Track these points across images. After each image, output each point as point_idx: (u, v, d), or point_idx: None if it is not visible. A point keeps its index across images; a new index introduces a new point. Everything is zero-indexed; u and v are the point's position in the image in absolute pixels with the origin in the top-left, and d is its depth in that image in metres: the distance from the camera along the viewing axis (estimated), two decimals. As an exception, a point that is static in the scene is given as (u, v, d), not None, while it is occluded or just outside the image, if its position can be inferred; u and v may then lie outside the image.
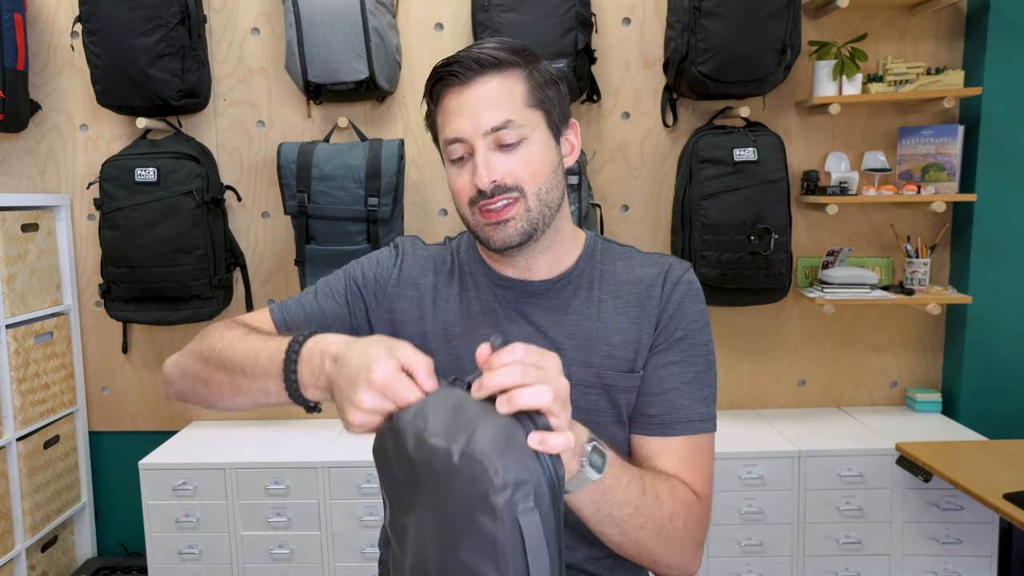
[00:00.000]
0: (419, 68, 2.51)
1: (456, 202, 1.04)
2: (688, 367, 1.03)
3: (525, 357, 0.73)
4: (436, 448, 0.70)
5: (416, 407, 0.74)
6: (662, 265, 1.08)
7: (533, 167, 0.99)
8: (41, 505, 2.41)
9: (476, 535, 0.68)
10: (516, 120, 0.98)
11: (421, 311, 1.10)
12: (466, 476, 0.67)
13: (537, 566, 0.68)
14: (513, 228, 0.99)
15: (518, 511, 0.67)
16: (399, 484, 0.75)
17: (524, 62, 1.00)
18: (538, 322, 1.06)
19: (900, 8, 2.44)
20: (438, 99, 1.02)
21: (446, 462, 0.69)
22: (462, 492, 0.68)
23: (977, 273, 2.44)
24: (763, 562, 2.27)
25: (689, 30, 2.21)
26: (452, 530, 0.70)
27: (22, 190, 2.60)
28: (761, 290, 2.30)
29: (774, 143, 2.29)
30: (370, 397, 0.75)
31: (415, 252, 1.15)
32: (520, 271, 1.08)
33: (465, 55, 0.99)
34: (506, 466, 0.67)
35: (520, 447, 0.69)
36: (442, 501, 0.70)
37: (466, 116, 0.98)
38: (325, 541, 2.29)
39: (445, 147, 1.02)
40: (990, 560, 2.22)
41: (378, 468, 0.79)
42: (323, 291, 1.12)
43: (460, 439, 0.69)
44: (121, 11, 2.24)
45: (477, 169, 0.98)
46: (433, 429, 0.71)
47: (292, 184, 2.30)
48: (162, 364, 2.63)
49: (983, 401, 2.49)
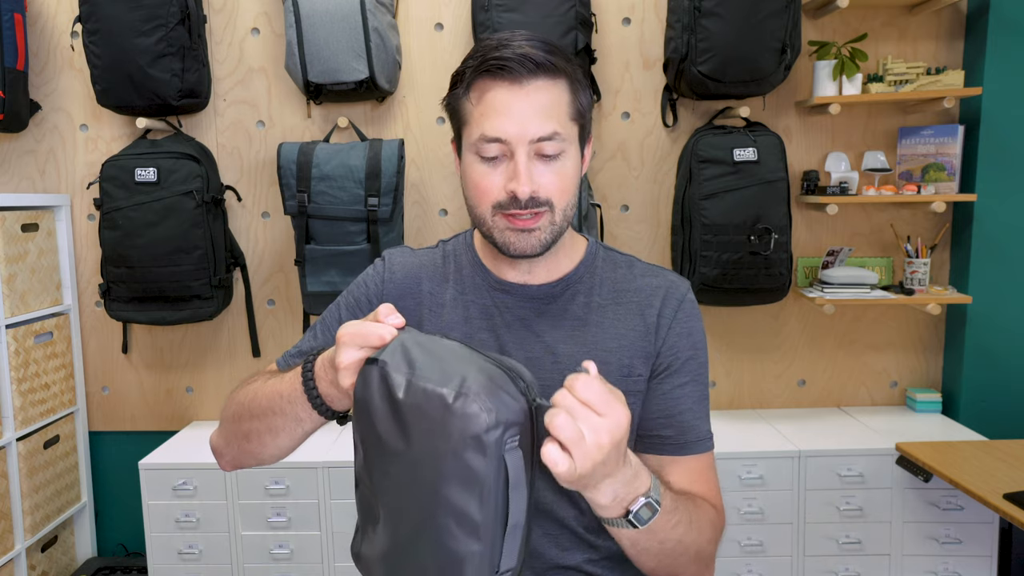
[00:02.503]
0: (419, 68, 2.51)
1: (474, 199, 1.00)
2: (697, 386, 1.06)
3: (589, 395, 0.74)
4: (429, 391, 0.74)
5: (403, 355, 0.78)
6: (664, 278, 1.08)
7: (565, 182, 0.98)
8: (41, 505, 2.41)
9: (462, 472, 0.72)
10: (561, 133, 0.96)
11: (419, 319, 1.09)
12: (460, 416, 0.72)
13: (516, 500, 0.75)
14: (536, 239, 0.98)
15: (505, 449, 0.73)
16: (381, 427, 0.78)
17: (571, 70, 0.98)
18: (536, 327, 1.05)
19: (900, 8, 2.44)
20: (478, 88, 0.97)
21: (440, 403, 0.73)
22: (454, 430, 0.72)
23: (977, 273, 2.44)
24: (763, 562, 2.27)
25: (689, 30, 2.21)
26: (437, 468, 0.74)
27: (22, 190, 2.60)
28: (761, 290, 2.30)
29: (774, 143, 2.29)
30: (346, 352, 0.80)
31: (404, 261, 1.13)
32: (521, 274, 1.07)
33: (519, 52, 0.94)
34: (498, 407, 0.73)
35: (508, 392, 0.74)
36: (430, 440, 0.74)
37: (513, 118, 0.94)
38: (325, 541, 2.29)
39: (477, 142, 0.96)
40: (990, 560, 2.22)
41: (357, 414, 0.81)
42: (322, 329, 1.12)
43: (454, 382, 0.74)
44: (121, 11, 2.24)
45: (518, 176, 0.94)
46: (423, 374, 0.75)
47: (292, 184, 2.30)
48: (162, 364, 2.65)
49: (983, 401, 2.49)
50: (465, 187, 1.02)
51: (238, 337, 2.63)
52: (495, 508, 0.74)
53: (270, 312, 2.62)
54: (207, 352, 2.64)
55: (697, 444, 1.04)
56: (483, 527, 0.74)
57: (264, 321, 2.62)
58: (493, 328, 1.05)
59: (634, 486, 0.81)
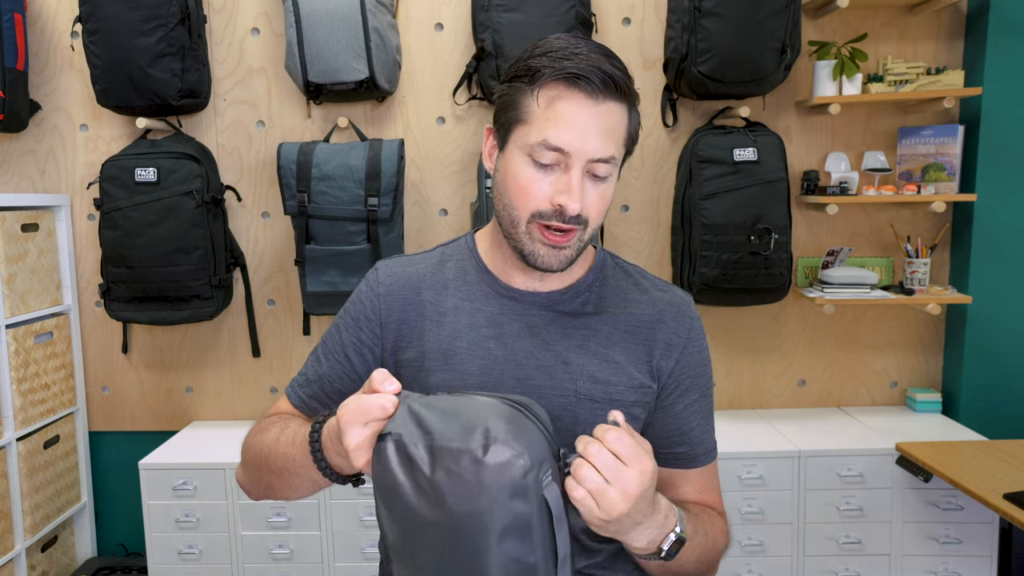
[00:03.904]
0: (419, 68, 2.51)
1: (515, 200, 0.96)
2: (705, 400, 1.08)
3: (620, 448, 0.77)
4: (456, 451, 0.72)
5: (415, 422, 0.76)
6: (673, 294, 1.09)
7: (603, 205, 0.97)
8: (41, 505, 2.41)
9: (510, 521, 0.72)
10: (616, 158, 0.95)
11: (420, 330, 1.05)
12: (494, 467, 0.71)
13: (561, 533, 0.76)
14: (565, 256, 0.98)
15: (543, 487, 0.73)
16: (411, 501, 0.76)
17: (636, 97, 0.97)
18: (547, 335, 1.03)
19: (900, 8, 2.44)
20: (550, 90, 0.93)
21: (471, 460, 0.72)
22: (492, 483, 0.71)
23: (977, 273, 2.44)
24: (763, 562, 2.27)
25: (689, 30, 2.21)
26: (482, 525, 0.72)
27: (22, 190, 2.60)
28: (761, 290, 2.30)
29: (774, 143, 2.29)
30: (352, 433, 0.79)
31: (398, 272, 1.09)
32: (531, 281, 1.05)
33: (602, 68, 0.92)
34: (528, 447, 0.72)
35: (529, 430, 0.74)
36: (469, 500, 0.72)
37: (579, 132, 0.92)
38: (325, 541, 2.29)
39: (537, 145, 0.93)
40: (990, 560, 2.22)
41: (380, 491, 0.78)
42: (324, 353, 1.10)
43: (477, 436, 0.72)
44: (121, 11, 2.24)
45: (571, 191, 0.92)
46: (443, 435, 0.74)
47: (292, 184, 2.30)
48: (162, 364, 2.65)
49: (983, 401, 2.49)
50: (505, 184, 0.98)
51: (238, 337, 2.63)
52: (544, 546, 0.75)
53: (270, 312, 2.62)
54: (207, 352, 2.64)
55: (705, 456, 1.07)
56: (539, 567, 0.75)
57: (264, 321, 2.62)
58: (502, 336, 1.03)
59: (665, 528, 0.86)
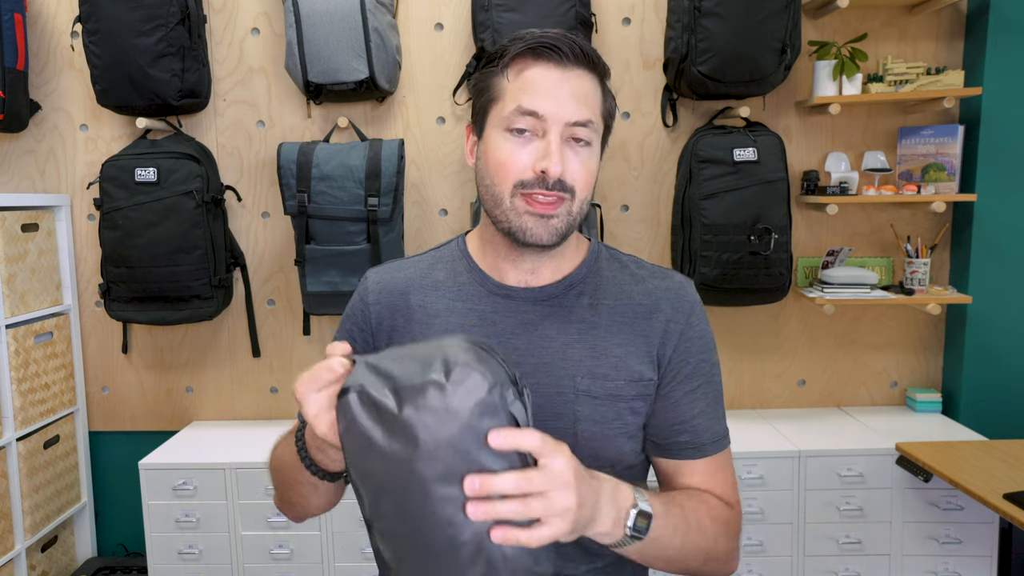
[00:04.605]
0: (419, 68, 2.51)
1: (495, 176, 0.96)
2: (709, 388, 1.05)
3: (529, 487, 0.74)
4: (419, 385, 0.73)
5: (373, 372, 0.77)
6: (671, 280, 1.07)
7: (588, 175, 0.97)
8: (41, 505, 2.41)
9: (483, 439, 0.73)
10: (595, 123, 0.96)
11: (410, 335, 1.05)
12: (460, 389, 0.73)
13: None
14: (554, 227, 0.96)
15: (508, 404, 0.75)
16: (385, 446, 0.75)
17: (606, 71, 0.99)
18: (543, 330, 1.02)
19: (900, 8, 2.44)
20: (518, 65, 0.96)
21: (436, 388, 0.73)
22: (460, 406, 0.72)
23: (977, 273, 2.44)
24: (763, 562, 2.27)
25: (689, 30, 2.21)
26: (457, 449, 0.73)
27: (22, 190, 2.60)
28: (761, 290, 2.30)
29: (774, 143, 2.29)
30: (308, 402, 0.79)
31: (386, 279, 1.09)
32: (524, 275, 1.04)
33: (565, 40, 0.94)
34: (488, 370, 0.74)
35: (486, 359, 0.75)
36: (440, 429, 0.73)
37: (553, 97, 0.93)
38: (325, 541, 2.29)
39: (510, 114, 0.94)
40: (990, 560, 2.22)
41: (355, 459, 0.78)
42: None
43: (437, 365, 0.74)
44: (121, 11, 2.24)
45: (550, 154, 0.93)
46: (405, 376, 0.75)
47: (292, 184, 2.30)
48: (162, 364, 2.65)
49: (983, 401, 2.49)
50: (486, 166, 0.98)
51: (238, 337, 2.63)
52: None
53: (270, 312, 2.62)
54: (207, 352, 2.65)
55: (713, 445, 1.03)
56: None
57: (264, 321, 2.62)
58: (497, 335, 1.02)
59: (619, 499, 0.83)
